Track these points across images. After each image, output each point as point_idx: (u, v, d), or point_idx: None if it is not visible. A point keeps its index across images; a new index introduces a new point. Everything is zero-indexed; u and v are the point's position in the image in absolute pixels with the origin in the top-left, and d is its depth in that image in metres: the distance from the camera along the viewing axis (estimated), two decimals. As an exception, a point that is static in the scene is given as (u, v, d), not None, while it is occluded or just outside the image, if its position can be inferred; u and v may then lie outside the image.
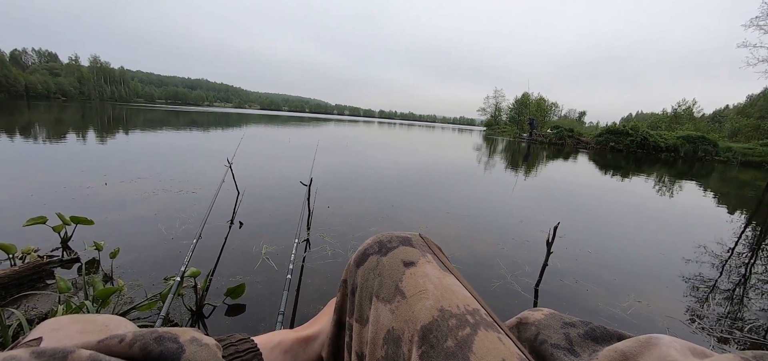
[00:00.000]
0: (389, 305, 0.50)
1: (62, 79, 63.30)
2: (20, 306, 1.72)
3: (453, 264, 0.60)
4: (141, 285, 1.99)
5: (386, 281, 0.52)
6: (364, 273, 0.57)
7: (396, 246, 0.57)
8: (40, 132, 9.26)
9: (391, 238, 0.59)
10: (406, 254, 0.55)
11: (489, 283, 2.44)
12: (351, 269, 0.60)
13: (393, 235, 0.60)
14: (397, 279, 0.52)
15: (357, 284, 0.57)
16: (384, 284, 0.52)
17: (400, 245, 0.57)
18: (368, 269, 0.56)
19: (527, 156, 14.45)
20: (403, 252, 0.56)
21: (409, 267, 0.53)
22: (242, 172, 4.99)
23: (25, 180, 4.12)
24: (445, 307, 0.47)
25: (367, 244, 0.60)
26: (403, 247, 0.57)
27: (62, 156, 5.95)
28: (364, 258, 0.58)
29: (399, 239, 0.59)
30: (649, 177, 9.90)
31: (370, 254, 0.58)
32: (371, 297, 0.54)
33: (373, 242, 0.60)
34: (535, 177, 8.18)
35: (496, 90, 61.99)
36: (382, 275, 0.54)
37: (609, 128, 27.06)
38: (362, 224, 3.42)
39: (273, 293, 2.03)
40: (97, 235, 2.55)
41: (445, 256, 0.61)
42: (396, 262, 0.54)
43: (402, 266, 0.53)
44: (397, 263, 0.54)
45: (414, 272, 0.52)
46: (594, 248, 3.35)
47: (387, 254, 0.56)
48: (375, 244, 0.59)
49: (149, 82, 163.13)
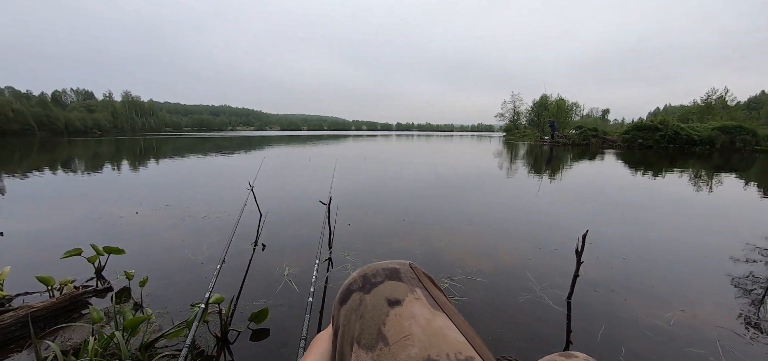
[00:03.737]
0: (371, 354, 0.45)
1: (98, 115, 67.65)
2: (56, 338, 1.78)
3: (449, 296, 0.54)
4: (169, 313, 2.03)
5: (368, 325, 0.47)
6: (346, 313, 0.51)
7: (381, 281, 0.52)
8: (78, 166, 9.85)
9: (376, 271, 0.54)
10: (392, 290, 0.50)
11: (516, 296, 2.33)
12: (336, 306, 0.55)
13: (379, 267, 0.54)
14: (380, 322, 0.46)
15: (340, 325, 0.52)
16: (366, 328, 0.47)
17: (386, 279, 0.52)
18: (350, 309, 0.51)
19: (550, 159, 14.04)
20: (389, 288, 0.50)
21: (394, 307, 0.47)
22: (264, 194, 5.09)
23: (65, 212, 4.36)
24: (433, 356, 0.41)
25: (351, 278, 0.55)
26: (389, 282, 0.51)
27: (98, 188, 6.28)
28: (347, 295, 0.53)
29: (385, 271, 0.53)
30: (683, 173, 9.37)
31: (353, 291, 0.52)
32: (352, 342, 0.48)
33: (357, 275, 0.54)
34: (561, 180, 7.91)
35: (514, 94, 60.98)
36: (364, 316, 0.48)
37: (636, 124, 25.96)
38: (383, 240, 3.39)
39: (296, 317, 2.02)
40: (128, 264, 2.64)
41: (438, 288, 0.55)
42: (380, 301, 0.49)
43: (386, 305, 0.48)
44: (380, 302, 0.49)
45: (399, 313, 0.47)
46: (629, 253, 3.16)
47: (371, 290, 0.51)
48: (359, 278, 0.54)
49: (176, 111, 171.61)
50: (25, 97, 61.03)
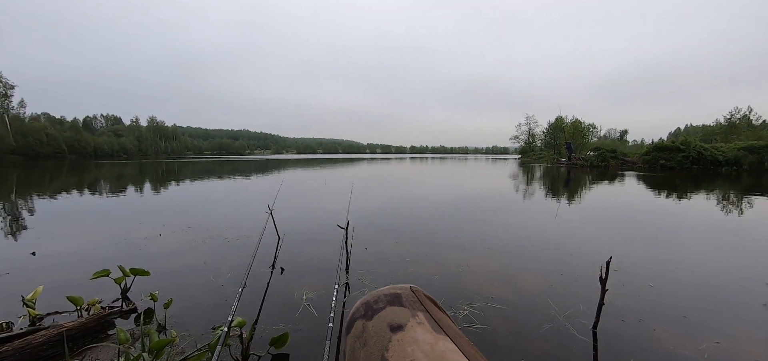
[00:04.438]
0: None
1: (124, 139, 70.68)
2: (85, 358, 1.83)
3: (452, 320, 0.54)
4: (192, 336, 2.07)
5: (371, 352, 0.47)
6: (351, 342, 0.52)
7: (383, 307, 0.52)
8: (104, 188, 10.25)
9: (378, 297, 0.55)
10: (393, 315, 0.50)
11: (538, 326, 2.27)
12: (343, 336, 0.55)
13: (381, 293, 0.55)
14: (383, 348, 0.46)
15: (346, 354, 0.53)
16: (370, 356, 0.47)
17: (388, 305, 0.52)
18: (354, 337, 0.52)
19: (568, 181, 13.78)
20: (390, 314, 0.51)
21: (396, 332, 0.48)
22: (281, 217, 5.16)
23: (92, 233, 4.53)
24: None
25: (354, 307, 0.55)
26: (390, 308, 0.52)
27: (123, 209, 6.51)
28: (351, 324, 0.54)
29: (387, 297, 0.54)
30: (710, 195, 9.02)
31: (356, 319, 0.53)
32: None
33: (360, 304, 0.55)
34: (580, 204, 7.73)
35: (528, 116, 60.61)
36: (368, 344, 0.49)
37: (657, 145, 25.32)
38: (401, 265, 3.37)
39: (316, 342, 2.02)
40: (153, 285, 2.70)
41: (441, 311, 0.55)
42: (382, 327, 0.49)
43: (388, 331, 0.48)
44: (382, 329, 0.49)
45: (402, 339, 0.46)
46: (656, 280, 3.04)
47: (373, 317, 0.51)
48: (361, 306, 0.54)
49: (197, 135, 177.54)
50: (58, 122, 64.60)
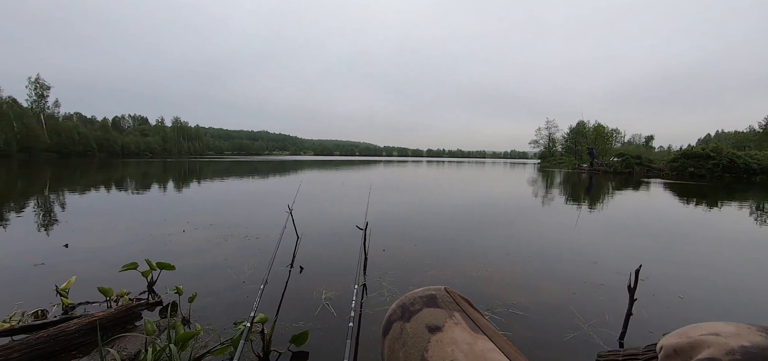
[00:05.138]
0: None
1: (150, 139, 73.52)
2: (114, 346, 1.90)
3: (488, 319, 0.54)
4: (214, 330, 2.11)
5: (411, 353, 0.48)
6: (390, 344, 0.52)
7: (419, 309, 0.53)
8: (130, 185, 10.66)
9: (414, 299, 0.55)
10: (430, 317, 0.51)
11: (562, 333, 2.20)
12: (381, 339, 0.56)
13: (416, 295, 0.55)
14: (423, 349, 0.47)
15: (384, 357, 0.53)
16: (409, 356, 0.48)
17: (424, 306, 0.53)
18: (393, 339, 0.52)
19: (590, 188, 13.39)
20: (427, 315, 0.51)
21: (434, 333, 0.48)
22: (300, 217, 5.22)
23: (120, 228, 4.71)
24: None
25: (391, 309, 0.56)
26: (427, 309, 0.52)
27: (149, 206, 6.75)
28: (389, 326, 0.54)
29: (423, 299, 0.54)
30: (743, 205, 8.57)
31: (394, 321, 0.53)
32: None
33: (396, 306, 0.55)
34: (603, 211, 7.49)
35: (549, 121, 59.35)
36: (407, 345, 0.49)
37: (685, 152, 24.31)
38: (418, 267, 3.34)
39: (335, 341, 2.02)
40: (177, 279, 2.78)
41: (476, 310, 0.55)
42: (420, 328, 0.50)
43: (426, 332, 0.49)
44: (421, 330, 0.49)
45: (440, 339, 0.47)
46: (686, 292, 2.91)
47: (410, 319, 0.52)
48: (398, 309, 0.55)
49: (219, 136, 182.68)
50: (89, 122, 67.79)
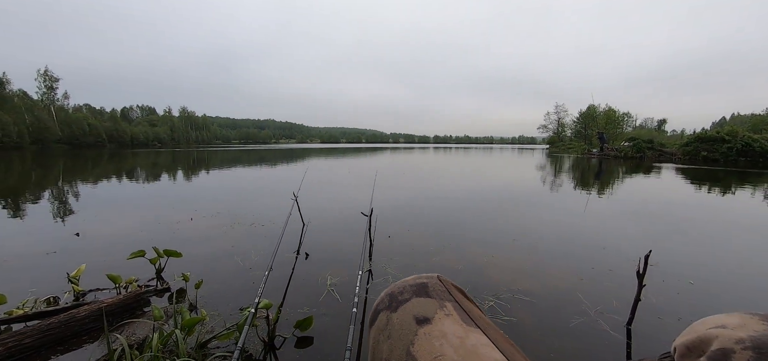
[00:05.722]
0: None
1: (158, 129, 74.23)
2: (123, 332, 1.93)
3: (488, 307, 0.51)
4: (221, 316, 2.13)
5: (396, 346, 0.44)
6: (375, 335, 0.49)
7: (408, 298, 0.48)
8: (140, 174, 10.80)
9: (403, 288, 0.51)
10: (420, 307, 0.47)
11: (568, 319, 2.18)
12: (366, 329, 0.53)
13: (406, 283, 0.51)
14: (409, 342, 0.43)
15: (370, 348, 0.50)
16: (394, 350, 0.44)
17: (414, 295, 0.49)
18: (378, 330, 0.48)
19: (599, 173, 13.19)
20: (416, 305, 0.47)
21: (423, 325, 0.44)
22: (306, 204, 5.24)
23: (129, 216, 4.79)
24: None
25: (378, 298, 0.52)
26: (416, 299, 0.48)
27: (157, 195, 6.84)
28: (375, 316, 0.50)
29: (412, 288, 0.50)
30: (757, 189, 8.37)
31: (380, 311, 0.50)
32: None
33: (384, 294, 0.51)
34: (612, 196, 7.38)
35: (558, 105, 58.35)
36: (392, 337, 0.45)
37: (699, 135, 23.75)
38: (423, 254, 3.34)
39: (339, 326, 2.03)
40: (185, 266, 2.82)
41: (470, 301, 0.51)
42: (407, 319, 0.46)
43: (414, 324, 0.45)
44: (408, 321, 0.45)
45: (429, 332, 0.43)
46: (696, 277, 2.85)
47: (398, 308, 0.48)
48: (386, 297, 0.51)
49: (226, 125, 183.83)
50: (99, 113, 68.60)
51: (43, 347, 1.78)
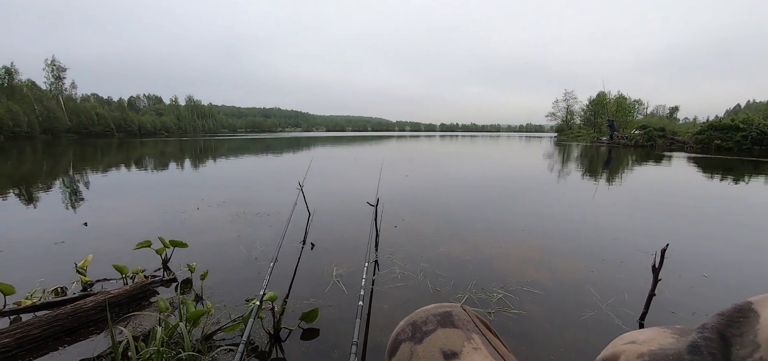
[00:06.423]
0: None
1: (165, 118, 74.64)
2: (128, 324, 1.93)
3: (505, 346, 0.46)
4: (226, 307, 2.12)
5: None
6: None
7: (433, 329, 0.46)
8: (148, 164, 10.88)
9: (427, 318, 0.48)
10: (446, 340, 0.44)
11: (579, 312, 2.13)
12: (386, 360, 0.49)
13: (429, 313, 0.48)
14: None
15: None
16: None
17: (439, 326, 0.46)
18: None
19: (609, 162, 12.97)
20: (442, 337, 0.44)
21: (450, 360, 0.41)
22: (311, 193, 5.21)
23: (137, 206, 4.81)
24: None
25: (399, 327, 0.49)
26: (442, 330, 0.45)
27: (164, 184, 6.88)
28: (396, 347, 0.47)
29: (437, 318, 0.47)
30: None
31: (402, 341, 0.47)
32: None
33: (405, 324, 0.48)
34: (623, 185, 7.24)
35: (567, 92, 57.38)
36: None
37: (712, 123, 23.16)
38: (430, 244, 3.29)
39: (344, 319, 2.01)
40: (190, 257, 2.81)
41: (494, 334, 0.48)
42: (433, 353, 0.43)
43: (441, 358, 0.42)
44: (434, 355, 0.43)
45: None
46: (711, 270, 2.77)
47: (422, 340, 0.45)
48: (408, 327, 0.48)
49: (232, 114, 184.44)
50: (106, 102, 69.15)
51: (51, 338, 1.78)
